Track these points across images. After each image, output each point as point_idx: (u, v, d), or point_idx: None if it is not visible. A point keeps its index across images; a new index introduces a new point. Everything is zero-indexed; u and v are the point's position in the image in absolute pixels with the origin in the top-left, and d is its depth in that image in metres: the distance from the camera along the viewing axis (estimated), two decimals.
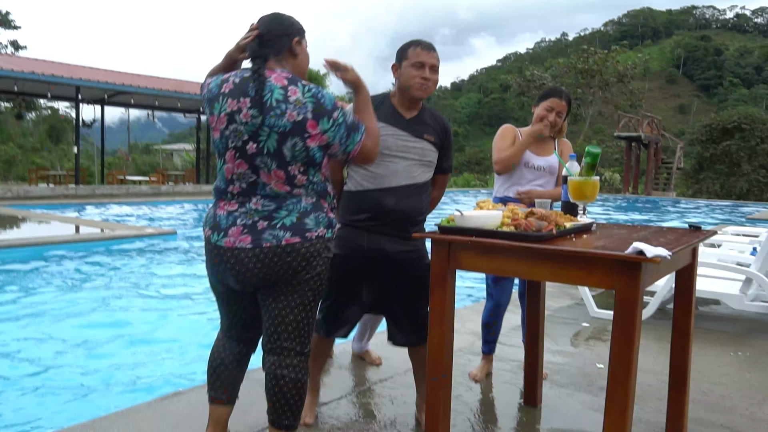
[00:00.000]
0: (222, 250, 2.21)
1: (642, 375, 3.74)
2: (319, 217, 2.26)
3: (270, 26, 2.25)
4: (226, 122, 2.18)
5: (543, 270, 2.23)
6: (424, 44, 2.81)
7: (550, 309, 5.27)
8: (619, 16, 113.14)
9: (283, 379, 2.27)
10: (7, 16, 42.53)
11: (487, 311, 3.60)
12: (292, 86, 2.16)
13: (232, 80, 2.20)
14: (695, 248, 2.84)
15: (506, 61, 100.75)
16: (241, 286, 2.26)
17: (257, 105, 2.12)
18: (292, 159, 2.15)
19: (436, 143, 2.85)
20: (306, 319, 2.29)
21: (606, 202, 24.58)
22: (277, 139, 2.13)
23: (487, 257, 2.32)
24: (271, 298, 2.26)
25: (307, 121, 2.13)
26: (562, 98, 3.46)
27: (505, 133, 3.59)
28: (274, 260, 2.17)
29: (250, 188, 2.20)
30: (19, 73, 17.72)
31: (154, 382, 4.13)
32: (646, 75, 74.74)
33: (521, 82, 43.61)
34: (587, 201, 2.82)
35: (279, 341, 2.28)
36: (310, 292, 2.27)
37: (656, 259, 1.98)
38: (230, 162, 2.20)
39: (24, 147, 34.33)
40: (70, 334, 5.12)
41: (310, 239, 2.21)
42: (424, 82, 2.76)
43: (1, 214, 12.79)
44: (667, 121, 62.97)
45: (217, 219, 2.25)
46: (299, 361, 2.30)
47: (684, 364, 2.89)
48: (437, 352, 2.45)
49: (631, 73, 42.92)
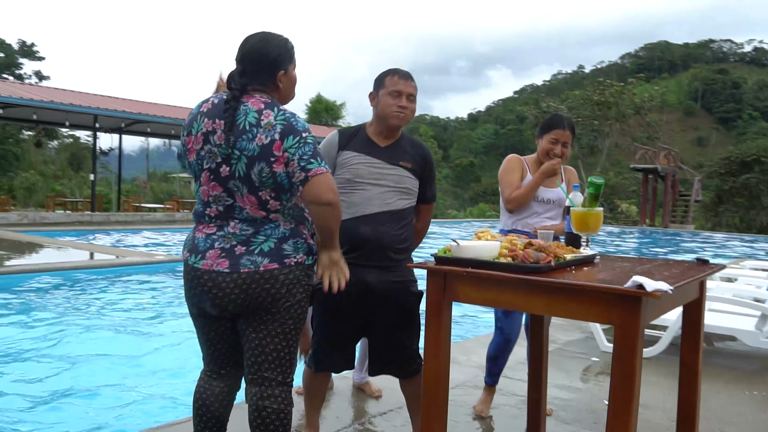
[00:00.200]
0: (199, 273, 2.17)
1: (650, 412, 3.62)
2: (298, 243, 2.21)
3: (253, 57, 2.19)
4: (202, 142, 2.14)
5: (539, 303, 2.17)
6: (401, 73, 2.80)
7: (559, 342, 5.16)
8: (636, 49, 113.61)
9: (265, 410, 2.21)
10: (31, 48, 43.63)
11: (495, 344, 3.47)
12: (267, 110, 2.12)
13: (212, 101, 2.19)
14: (703, 282, 2.75)
15: (523, 92, 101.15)
16: (218, 311, 2.20)
17: (229, 128, 2.08)
18: (261, 185, 2.10)
19: (414, 170, 2.81)
20: (287, 348, 2.23)
21: (622, 234, 24.31)
22: (246, 164, 2.09)
23: (483, 288, 2.25)
24: (251, 328, 2.20)
25: (274, 142, 2.07)
26: (565, 128, 3.34)
27: (512, 166, 3.46)
28: (252, 286, 2.12)
29: (228, 211, 2.16)
30: (38, 102, 18.03)
31: (153, 407, 4.06)
32: (663, 107, 74.51)
33: (537, 113, 43.69)
34: (590, 232, 2.75)
35: (260, 372, 2.22)
36: (291, 320, 2.22)
37: (656, 293, 1.91)
38: (205, 184, 2.16)
39: (45, 174, 34.83)
40: (82, 358, 5.08)
41: (289, 266, 2.16)
42: (400, 111, 2.76)
43: (18, 240, 12.91)
44: (685, 153, 62.64)
45: (196, 241, 2.21)
46: (281, 391, 2.24)
47: (692, 402, 2.79)
48: (432, 386, 2.37)
49: (648, 106, 42.87)
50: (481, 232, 2.56)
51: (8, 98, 17.39)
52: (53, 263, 9.37)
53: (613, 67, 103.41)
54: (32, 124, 25.56)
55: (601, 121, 41.93)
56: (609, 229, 26.75)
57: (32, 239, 13.09)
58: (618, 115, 41.63)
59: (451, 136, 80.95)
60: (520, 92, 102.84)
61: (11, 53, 42.98)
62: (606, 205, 35.16)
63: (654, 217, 29.32)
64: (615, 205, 34.30)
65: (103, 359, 5.13)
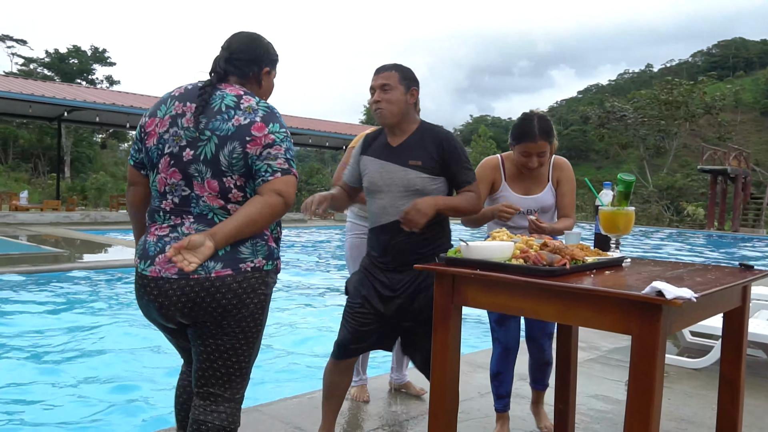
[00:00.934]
0: (146, 281, 1.99)
1: (694, 428, 3.38)
2: (257, 246, 2.02)
3: (242, 47, 2.13)
4: (168, 125, 2.02)
5: (549, 309, 2.00)
6: (377, 69, 2.69)
7: (603, 350, 4.91)
8: (709, 46, 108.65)
9: (205, 425, 2.03)
10: (103, 53, 45.42)
11: (494, 358, 3.11)
12: (248, 96, 2.04)
13: (185, 87, 2.10)
14: (747, 288, 2.52)
15: (587, 92, 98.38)
16: (166, 321, 2.05)
17: (201, 110, 1.98)
18: (228, 168, 1.95)
19: (425, 167, 2.60)
20: (237, 364, 2.06)
21: (689, 238, 23.32)
22: (217, 143, 1.95)
23: (492, 292, 2.11)
24: (200, 339, 2.03)
25: (254, 123, 1.97)
26: (536, 139, 2.87)
27: (481, 175, 3.02)
28: (201, 295, 1.93)
29: (183, 203, 2.00)
30: (100, 105, 18.69)
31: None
32: (737, 107, 71.37)
33: (601, 113, 42.56)
34: (620, 234, 2.58)
35: (206, 386, 2.06)
36: (242, 334, 2.02)
37: (677, 301, 1.73)
38: (163, 171, 2.01)
39: (116, 176, 36.21)
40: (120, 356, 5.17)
41: (244, 271, 1.97)
42: (376, 106, 2.64)
43: (73, 238, 13.40)
44: (761, 154, 59.68)
45: (146, 246, 2.04)
46: (227, 408, 2.07)
47: (733, 419, 2.56)
48: (439, 397, 2.24)
49: (719, 105, 41.09)
50: (497, 232, 2.41)
51: (72, 101, 18.13)
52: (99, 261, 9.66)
53: (683, 65, 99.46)
54: (96, 126, 26.52)
55: (668, 121, 40.48)
56: (668, 231, 25.74)
57: (85, 236, 13.56)
58: (687, 115, 40.10)
59: None
60: (584, 92, 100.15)
61: (85, 59, 44.90)
62: (672, 208, 33.87)
63: (723, 221, 28.00)
64: (681, 207, 32.95)
65: (152, 353, 5.20)
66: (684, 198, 35.37)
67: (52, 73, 43.03)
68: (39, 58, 44.35)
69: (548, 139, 2.91)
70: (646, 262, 2.61)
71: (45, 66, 44.09)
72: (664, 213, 33.39)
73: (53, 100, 17.81)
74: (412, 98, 2.66)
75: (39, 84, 21.58)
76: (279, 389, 4.46)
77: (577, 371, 3.01)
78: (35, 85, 20.19)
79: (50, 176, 33.10)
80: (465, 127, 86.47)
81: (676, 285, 1.84)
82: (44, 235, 13.83)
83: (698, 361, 4.55)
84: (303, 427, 3.15)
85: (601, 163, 66.20)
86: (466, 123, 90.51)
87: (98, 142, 39.37)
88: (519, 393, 3.76)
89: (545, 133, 2.90)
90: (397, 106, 2.61)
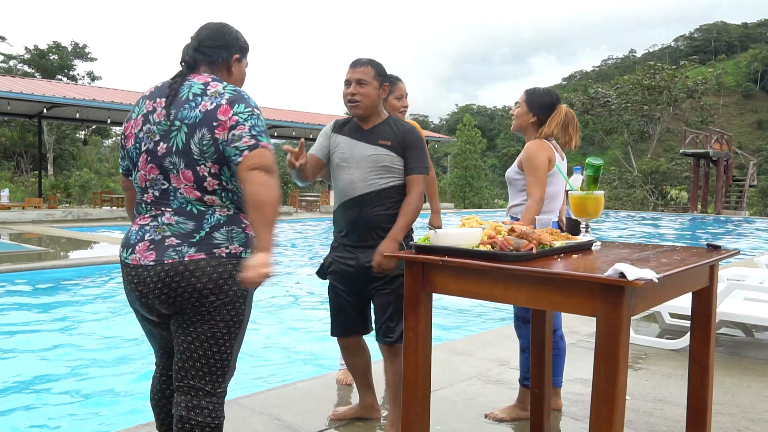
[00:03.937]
0: (128, 269, 2.03)
1: (670, 408, 3.43)
2: (233, 232, 2.03)
3: (210, 34, 2.14)
4: (141, 123, 2.06)
5: (518, 294, 2.03)
6: (353, 62, 2.89)
7: (581, 334, 4.96)
8: (691, 31, 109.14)
9: (189, 423, 2.01)
10: (84, 49, 44.87)
11: (524, 335, 3.27)
12: (215, 82, 2.05)
13: (155, 85, 2.13)
14: (713, 268, 2.56)
15: (571, 79, 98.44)
16: (148, 311, 2.06)
17: (170, 102, 2.00)
18: (201, 156, 1.97)
19: (393, 147, 2.85)
20: (219, 354, 2.04)
21: (672, 221, 23.52)
22: (186, 132, 1.97)
23: (461, 279, 2.13)
24: (180, 330, 2.04)
25: (220, 107, 1.98)
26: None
27: (545, 157, 3.07)
28: (176, 279, 1.94)
29: (163, 196, 2.02)
30: (80, 101, 18.48)
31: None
32: (720, 90, 71.89)
33: (585, 100, 42.71)
34: (589, 218, 2.60)
35: (187, 379, 2.04)
36: (222, 323, 2.02)
37: (638, 282, 1.75)
38: (143, 168, 2.04)
39: (100, 172, 35.88)
40: (104, 352, 5.16)
41: (219, 257, 1.98)
42: (350, 98, 2.83)
43: (55, 236, 13.30)
44: (744, 137, 60.21)
45: (129, 234, 2.09)
46: (209, 403, 2.05)
47: (703, 399, 2.62)
48: (412, 384, 2.26)
49: (701, 89, 41.37)
50: (467, 218, 2.43)
51: (52, 98, 17.91)
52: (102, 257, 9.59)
53: (666, 50, 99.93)
54: (78, 123, 26.25)
55: (651, 106, 40.72)
56: (653, 215, 25.94)
57: (67, 234, 13.46)
58: (670, 100, 40.36)
59: (498, 126, 79.63)
60: (568, 79, 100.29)
61: (65, 55, 44.31)
62: (657, 192, 34.13)
63: (706, 203, 28.26)
64: (664, 191, 33.18)
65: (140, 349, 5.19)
66: (668, 182, 35.62)
67: (32, 70, 42.48)
68: (19, 55, 43.74)
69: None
70: (615, 245, 2.64)
71: (25, 63, 43.48)
72: (649, 197, 33.64)
73: (32, 96, 17.58)
74: (383, 93, 2.91)
75: (18, 81, 21.30)
76: (260, 381, 4.48)
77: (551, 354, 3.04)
78: (13, 82, 19.92)
79: (33, 174, 32.76)
80: (451, 117, 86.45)
81: (641, 266, 1.88)
82: (27, 233, 13.71)
83: (675, 342, 4.61)
84: (284, 418, 3.16)
85: (586, 150, 66.43)
86: (452, 113, 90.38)
87: (81, 138, 38.91)
88: (501, 379, 3.81)
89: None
90: (370, 100, 2.85)
